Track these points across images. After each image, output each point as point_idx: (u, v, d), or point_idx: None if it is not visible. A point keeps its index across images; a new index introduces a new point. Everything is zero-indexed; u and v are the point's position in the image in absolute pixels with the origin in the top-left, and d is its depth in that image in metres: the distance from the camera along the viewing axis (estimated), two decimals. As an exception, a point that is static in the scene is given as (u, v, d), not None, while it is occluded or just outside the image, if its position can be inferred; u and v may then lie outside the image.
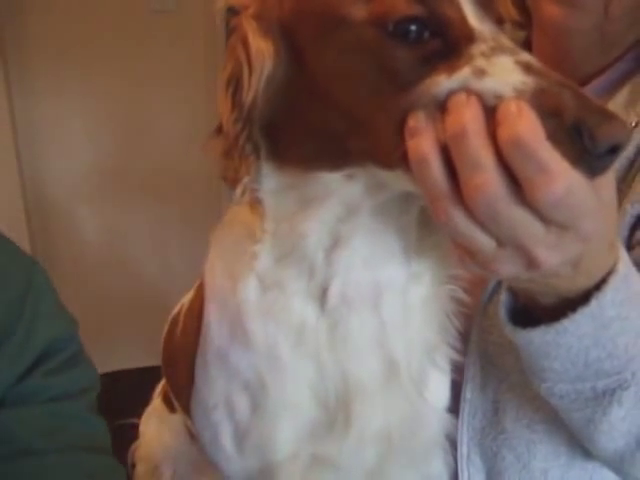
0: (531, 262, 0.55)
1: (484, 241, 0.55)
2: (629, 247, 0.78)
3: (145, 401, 1.15)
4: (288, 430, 0.75)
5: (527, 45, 0.92)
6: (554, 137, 0.50)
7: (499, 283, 0.77)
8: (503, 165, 0.51)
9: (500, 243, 0.55)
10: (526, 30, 0.92)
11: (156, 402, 1.08)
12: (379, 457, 0.76)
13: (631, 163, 0.80)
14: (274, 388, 0.74)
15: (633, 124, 0.81)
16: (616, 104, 0.84)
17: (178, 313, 0.92)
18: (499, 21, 0.60)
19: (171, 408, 1.04)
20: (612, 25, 0.85)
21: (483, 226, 0.54)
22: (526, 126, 0.50)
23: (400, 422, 0.75)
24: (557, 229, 0.53)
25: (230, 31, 0.66)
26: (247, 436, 0.76)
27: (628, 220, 0.78)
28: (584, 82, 0.88)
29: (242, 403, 0.75)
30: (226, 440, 0.77)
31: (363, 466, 0.77)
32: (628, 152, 0.80)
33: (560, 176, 0.50)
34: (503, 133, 0.51)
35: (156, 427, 1.10)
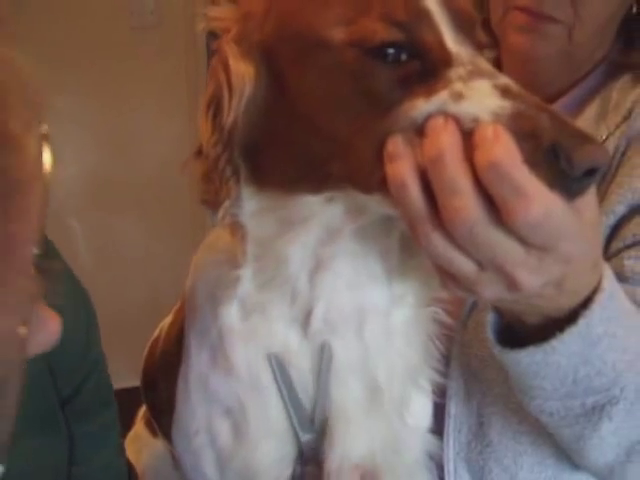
0: (512, 284, 0.55)
1: (464, 264, 0.55)
2: (606, 258, 0.78)
3: (129, 423, 1.14)
4: (270, 456, 0.74)
5: (497, 65, 0.93)
6: (531, 160, 0.51)
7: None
8: (481, 189, 0.52)
9: (481, 266, 0.55)
10: (494, 50, 0.93)
11: (138, 426, 1.07)
12: None
13: (603, 176, 0.81)
14: (256, 414, 0.73)
15: (604, 137, 0.82)
16: (586, 118, 0.86)
17: (158, 337, 0.91)
18: (479, 46, 0.60)
19: (153, 432, 1.02)
20: (577, 50, 0.87)
21: (463, 249, 0.54)
22: (502, 150, 0.50)
23: (383, 445, 0.74)
24: (537, 251, 0.54)
25: (212, 51, 0.66)
26: (229, 462, 0.75)
27: (604, 231, 0.80)
28: (552, 100, 0.89)
29: (224, 429, 0.74)
30: (208, 466, 0.76)
31: None
32: None
33: (537, 199, 0.50)
34: (480, 157, 0.51)
35: (138, 451, 1.08)
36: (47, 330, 0.41)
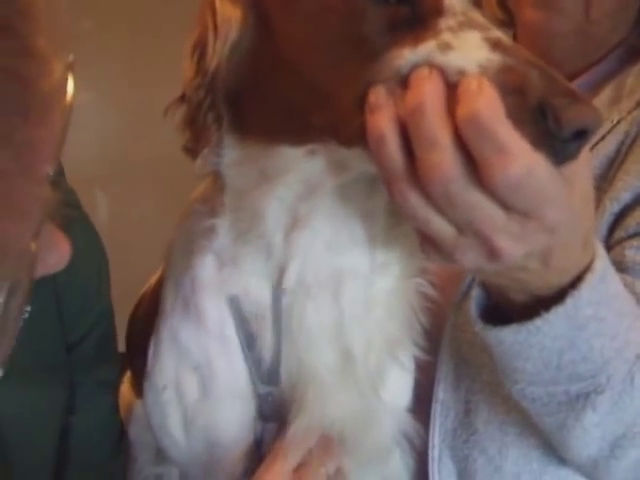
0: (492, 251, 0.52)
1: (442, 227, 0.53)
2: (608, 247, 0.76)
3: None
4: (234, 415, 0.73)
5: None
6: (516, 117, 0.48)
7: (475, 279, 0.74)
8: (461, 145, 0.49)
9: (459, 230, 0.53)
10: (511, 29, 0.91)
11: (125, 386, 1.06)
12: None
13: (611, 161, 0.79)
14: (222, 370, 0.72)
15: (615, 121, 0.80)
16: (600, 102, 0.83)
17: (144, 294, 0.90)
18: (476, 1, 0.57)
19: (137, 394, 1.01)
20: (594, 28, 0.85)
21: (440, 210, 0.52)
22: (485, 103, 0.48)
23: (353, 418, 0.72)
24: (519, 217, 0.51)
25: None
26: (194, 420, 0.74)
27: (607, 218, 0.77)
28: (568, 80, 0.86)
29: (191, 385, 0.73)
30: (174, 424, 0.75)
31: None
32: (608, 150, 0.80)
33: (518, 157, 0.48)
34: (461, 110, 0.49)
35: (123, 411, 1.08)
36: (57, 252, 0.42)
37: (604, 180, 0.78)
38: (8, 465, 0.74)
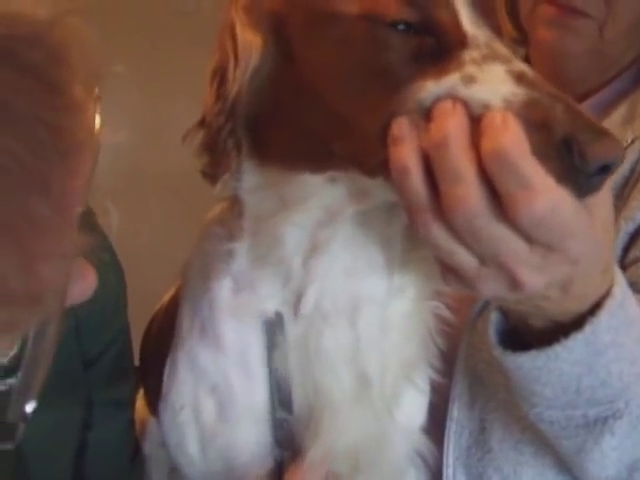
0: (514, 283, 0.53)
1: (465, 258, 0.53)
2: (623, 266, 0.75)
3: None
4: (252, 437, 0.73)
5: (526, 61, 0.90)
6: (541, 152, 0.48)
7: (489, 300, 0.75)
8: (486, 179, 0.49)
9: (482, 261, 0.53)
10: (524, 47, 0.91)
11: (139, 403, 1.06)
12: (347, 474, 0.74)
13: (626, 180, 0.79)
14: (241, 393, 0.72)
15: (629, 141, 0.79)
16: (613, 122, 0.83)
17: (157, 312, 0.90)
18: (497, 30, 0.57)
19: (152, 411, 1.02)
20: (608, 47, 0.84)
21: (464, 242, 0.52)
22: (510, 139, 0.48)
23: (367, 440, 0.72)
24: (542, 249, 0.51)
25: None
26: (212, 441, 0.74)
27: (622, 238, 0.76)
28: (580, 100, 0.86)
29: (208, 406, 0.73)
30: (191, 444, 0.75)
31: None
32: (623, 169, 0.79)
33: (543, 193, 0.48)
34: (486, 145, 0.49)
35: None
36: (83, 282, 0.43)
37: (619, 199, 0.78)
38: None
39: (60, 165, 0.35)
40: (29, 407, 0.44)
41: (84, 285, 0.43)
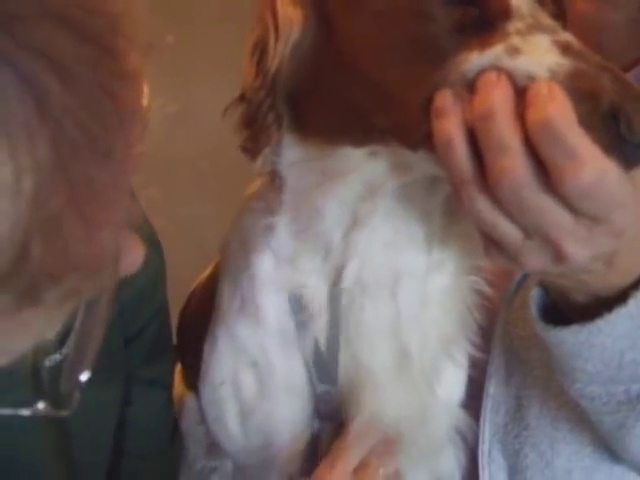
0: (559, 255, 0.52)
1: (509, 231, 0.52)
2: None
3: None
4: (291, 411, 0.74)
5: None
6: (587, 122, 0.48)
7: (526, 274, 0.74)
8: (532, 150, 0.49)
9: (527, 234, 0.52)
10: (562, 21, 0.90)
11: (176, 380, 1.07)
12: None
13: None
14: (281, 367, 0.72)
15: None
16: None
17: (194, 290, 0.91)
18: (540, 1, 0.56)
19: (189, 387, 1.03)
20: None
21: (509, 214, 0.52)
22: (556, 109, 0.47)
23: (409, 415, 0.72)
24: (587, 221, 0.51)
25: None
26: (251, 415, 0.75)
27: None
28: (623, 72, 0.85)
29: (248, 381, 0.74)
30: (231, 419, 0.76)
31: None
32: None
33: (590, 163, 0.47)
34: (532, 115, 0.48)
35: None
36: (131, 254, 0.43)
37: None
38: (69, 455, 0.75)
39: (120, 132, 0.36)
40: (83, 376, 0.45)
41: (132, 257, 0.43)
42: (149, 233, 0.79)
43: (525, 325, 0.77)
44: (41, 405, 0.47)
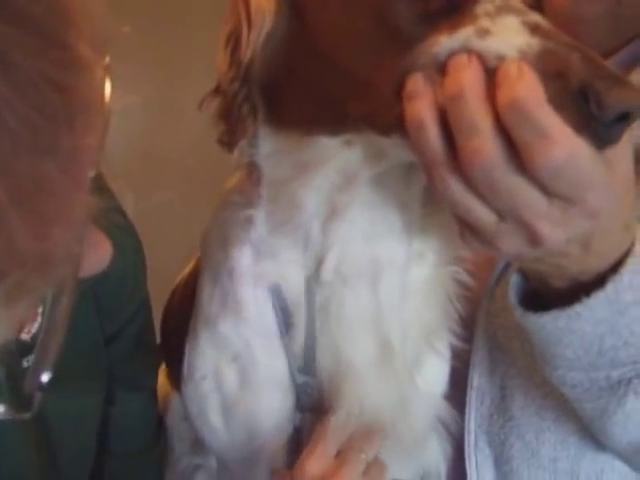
0: (534, 238, 0.52)
1: (483, 213, 0.52)
2: None
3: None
4: (275, 404, 0.73)
5: None
6: (558, 101, 0.48)
7: (508, 265, 0.74)
8: (503, 131, 0.49)
9: (501, 216, 0.52)
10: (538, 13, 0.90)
11: (160, 378, 1.07)
12: None
13: None
14: (262, 360, 0.72)
15: None
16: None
17: (177, 286, 0.91)
18: None
19: (173, 384, 1.02)
20: (624, 10, 0.82)
21: (481, 197, 0.51)
22: (525, 88, 0.47)
23: (390, 406, 0.72)
24: (561, 202, 0.50)
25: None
26: (234, 409, 0.74)
27: None
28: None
29: (230, 375, 0.74)
30: (213, 413, 0.76)
31: None
32: None
33: (560, 142, 0.47)
34: (501, 95, 0.48)
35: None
36: (97, 253, 0.42)
37: (638, 162, 0.77)
38: (53, 456, 0.75)
39: (67, 124, 0.35)
40: (45, 377, 0.43)
41: (98, 255, 0.43)
42: (123, 221, 0.79)
43: (508, 315, 0.77)
44: (1, 408, 0.46)
